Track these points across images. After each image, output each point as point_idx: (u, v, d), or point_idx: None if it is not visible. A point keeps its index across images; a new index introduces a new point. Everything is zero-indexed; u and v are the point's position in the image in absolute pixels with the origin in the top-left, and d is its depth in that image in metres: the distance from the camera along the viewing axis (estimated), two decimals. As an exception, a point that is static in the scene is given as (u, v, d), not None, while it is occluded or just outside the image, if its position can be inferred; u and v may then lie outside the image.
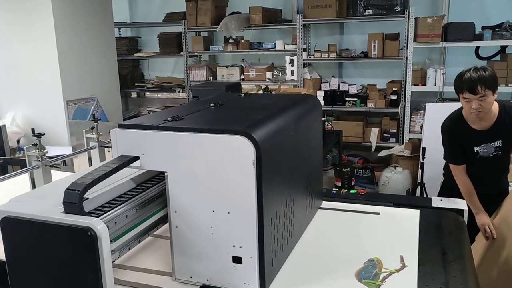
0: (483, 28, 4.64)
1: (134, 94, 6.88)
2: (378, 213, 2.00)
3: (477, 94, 2.31)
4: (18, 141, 4.87)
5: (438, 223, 1.88)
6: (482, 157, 2.54)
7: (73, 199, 1.14)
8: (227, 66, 6.02)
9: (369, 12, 5.00)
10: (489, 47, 4.72)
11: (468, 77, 2.34)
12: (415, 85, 4.89)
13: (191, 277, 1.42)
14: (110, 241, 1.18)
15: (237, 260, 1.35)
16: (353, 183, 4.50)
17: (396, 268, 1.51)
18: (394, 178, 4.58)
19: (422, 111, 4.88)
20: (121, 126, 1.42)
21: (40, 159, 2.03)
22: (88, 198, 1.28)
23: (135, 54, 6.42)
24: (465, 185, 2.55)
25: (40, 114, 4.84)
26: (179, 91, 6.33)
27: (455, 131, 2.56)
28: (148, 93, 6.72)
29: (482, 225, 2.47)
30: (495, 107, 2.46)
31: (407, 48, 4.85)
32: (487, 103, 2.36)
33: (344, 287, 1.44)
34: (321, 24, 5.58)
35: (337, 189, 2.31)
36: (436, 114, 4.45)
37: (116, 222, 1.31)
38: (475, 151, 2.54)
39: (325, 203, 2.08)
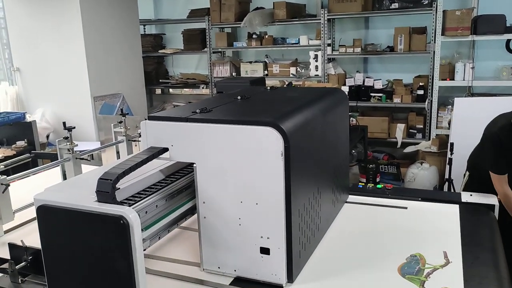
0: (515, 20, 4.50)
1: (158, 91, 6.97)
2: (405, 208, 1.97)
3: None
4: (47, 136, 5.01)
5: (469, 218, 1.84)
6: None
7: (106, 188, 1.17)
8: (250, 62, 6.03)
9: (395, 5, 4.92)
10: (520, 40, 4.57)
11: None
12: (442, 79, 4.78)
13: (219, 268, 1.44)
14: (141, 229, 1.20)
15: (265, 251, 1.36)
16: (378, 179, 4.44)
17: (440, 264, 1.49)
18: (421, 175, 4.49)
19: (450, 106, 4.77)
20: (150, 118, 1.44)
21: (71, 151, 2.08)
22: (119, 188, 1.31)
23: (160, 51, 6.50)
24: (505, 195, 2.40)
25: (68, 110, 4.97)
26: (202, 87, 6.38)
27: (504, 140, 2.39)
28: (172, 89, 6.79)
29: None
30: None
31: (434, 42, 4.74)
32: None
33: (368, 280, 1.43)
34: (346, 19, 5.52)
35: (363, 183, 2.29)
36: (465, 109, 4.35)
37: (146, 212, 1.34)
38: None
39: (351, 197, 2.07)
